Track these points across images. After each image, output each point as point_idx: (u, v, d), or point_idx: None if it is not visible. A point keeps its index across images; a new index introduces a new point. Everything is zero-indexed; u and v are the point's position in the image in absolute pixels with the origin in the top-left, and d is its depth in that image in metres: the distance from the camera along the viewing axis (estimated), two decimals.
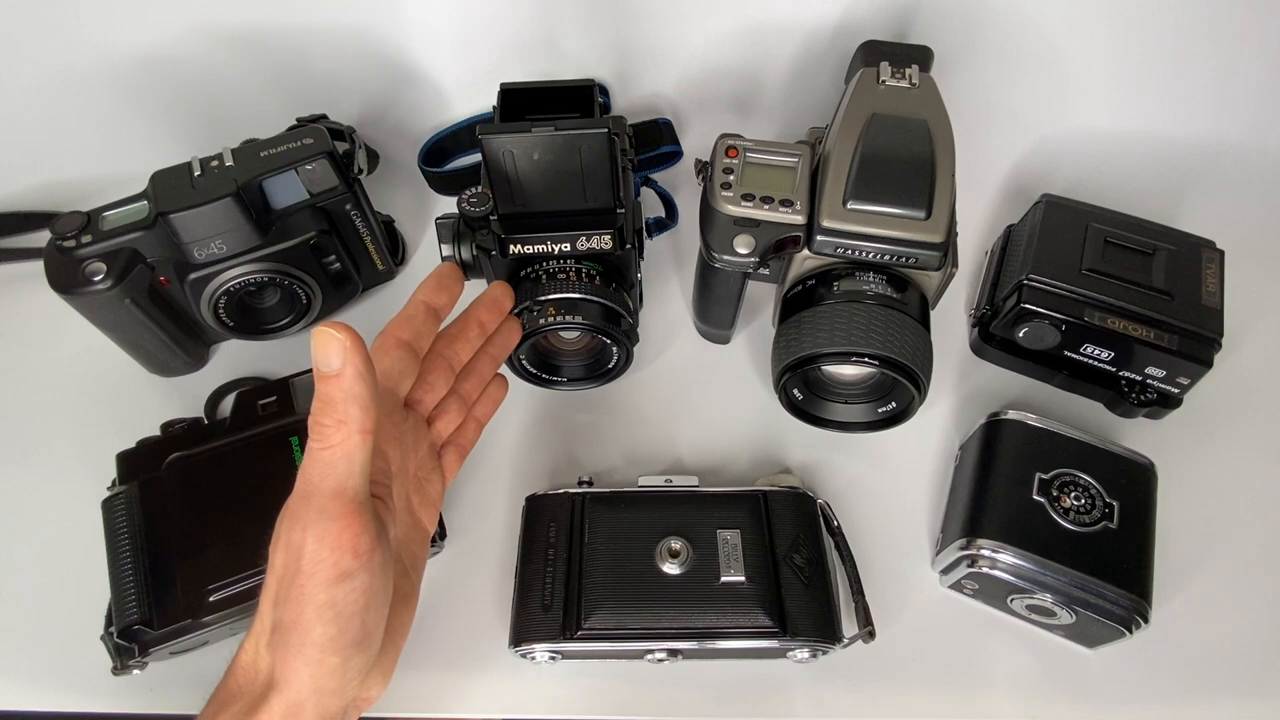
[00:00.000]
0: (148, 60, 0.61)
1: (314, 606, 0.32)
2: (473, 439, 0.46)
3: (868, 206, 0.46)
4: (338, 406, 0.31)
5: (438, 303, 0.42)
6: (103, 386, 0.57)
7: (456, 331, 0.45)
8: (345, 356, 0.31)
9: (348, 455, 0.32)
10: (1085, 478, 0.46)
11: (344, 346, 0.31)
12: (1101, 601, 0.43)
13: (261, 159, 0.51)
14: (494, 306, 0.46)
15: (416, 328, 0.41)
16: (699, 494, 0.48)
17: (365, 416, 0.32)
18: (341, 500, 0.32)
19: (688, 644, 0.44)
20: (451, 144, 0.67)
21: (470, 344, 0.45)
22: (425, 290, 0.42)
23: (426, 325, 0.41)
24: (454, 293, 0.43)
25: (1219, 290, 0.51)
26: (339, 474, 0.32)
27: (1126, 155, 0.65)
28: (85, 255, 0.49)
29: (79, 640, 0.47)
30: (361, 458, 0.32)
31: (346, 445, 0.32)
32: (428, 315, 0.41)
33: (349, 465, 0.32)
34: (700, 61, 0.65)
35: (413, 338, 0.40)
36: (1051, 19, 0.61)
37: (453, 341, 0.44)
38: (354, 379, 0.31)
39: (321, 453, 0.32)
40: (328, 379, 0.31)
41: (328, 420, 0.31)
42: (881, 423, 0.52)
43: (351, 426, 0.31)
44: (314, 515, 0.32)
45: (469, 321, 0.45)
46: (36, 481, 0.54)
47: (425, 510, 0.42)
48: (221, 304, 0.53)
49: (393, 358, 0.40)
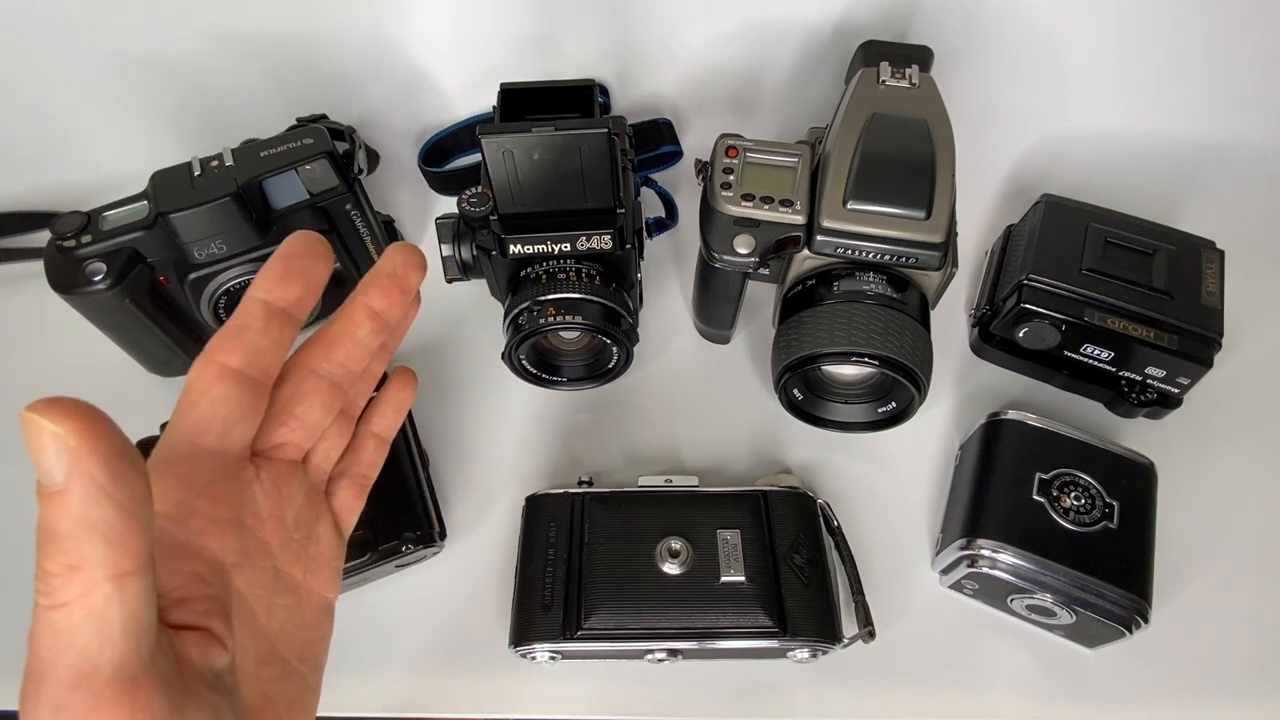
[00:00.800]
0: (149, 60, 0.61)
1: None
2: (374, 462, 0.33)
3: (868, 206, 0.46)
4: (64, 544, 0.19)
5: (284, 299, 0.27)
6: (103, 386, 0.57)
7: (338, 332, 0.30)
8: (70, 462, 0.19)
9: (92, 615, 0.20)
10: (1085, 478, 0.46)
11: (66, 446, 0.18)
12: (1101, 601, 0.43)
13: (261, 159, 0.51)
14: (393, 286, 0.30)
15: (251, 344, 0.26)
16: (699, 494, 0.48)
17: (119, 554, 0.19)
18: (89, 687, 0.20)
19: (688, 644, 0.44)
20: (451, 144, 0.67)
21: (361, 346, 0.30)
22: (263, 282, 0.27)
23: (269, 336, 0.26)
24: (313, 277, 0.28)
25: (1219, 290, 0.51)
26: (80, 647, 0.20)
27: (1126, 155, 0.65)
28: (85, 255, 0.49)
29: None
30: (120, 614, 0.20)
31: (89, 601, 0.19)
32: (270, 321, 0.26)
33: (97, 631, 0.20)
34: (700, 61, 0.65)
35: (246, 360, 0.26)
36: (1051, 19, 0.61)
37: (331, 349, 0.30)
38: (87, 498, 0.19)
39: (50, 613, 0.20)
40: (48, 498, 0.19)
41: (53, 566, 0.20)
42: (881, 423, 0.52)
43: (94, 573, 0.19)
44: (48, 713, 0.20)
45: (355, 315, 0.30)
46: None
47: (314, 576, 0.30)
48: (221, 304, 0.53)
49: (213, 397, 0.26)
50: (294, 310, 0.27)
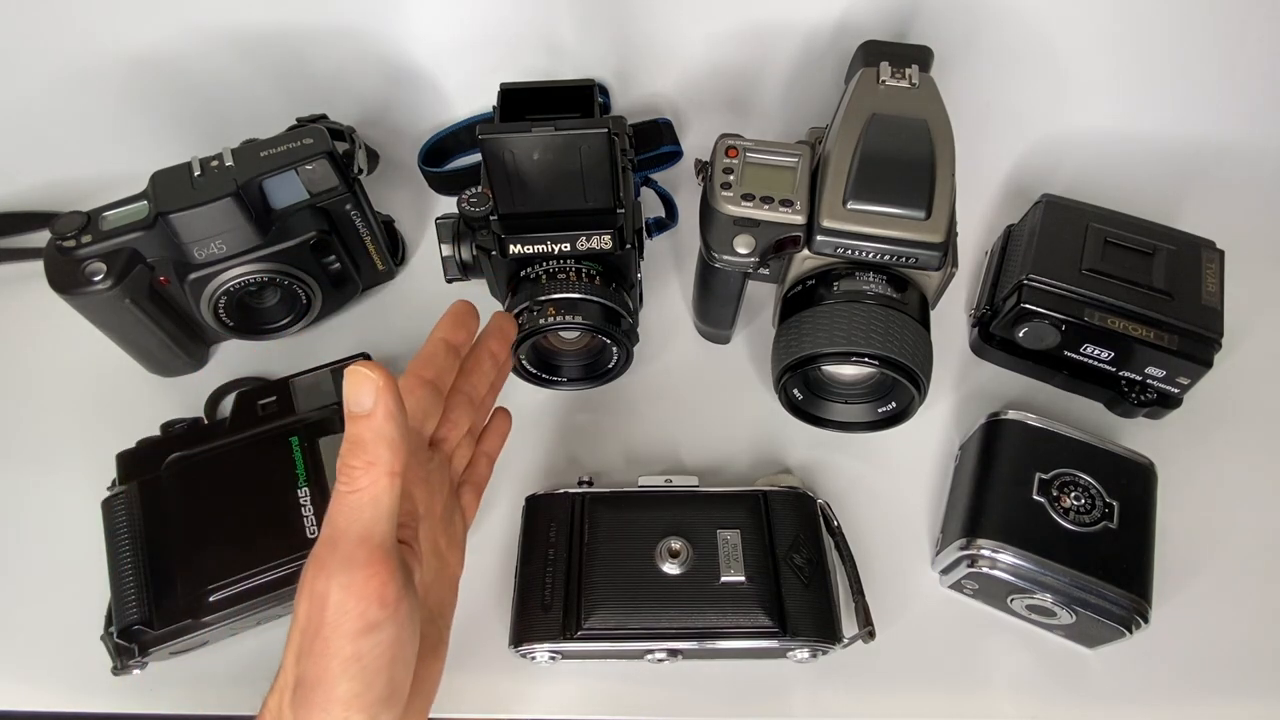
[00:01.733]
0: (148, 60, 0.61)
1: (339, 661, 0.30)
2: (485, 475, 0.45)
3: (868, 206, 0.46)
4: (368, 447, 0.30)
5: (456, 340, 0.41)
6: (103, 386, 0.57)
7: (471, 365, 0.43)
8: (377, 396, 0.30)
9: (375, 499, 0.30)
10: (1085, 478, 0.46)
11: (376, 386, 0.30)
12: (1101, 601, 0.43)
13: (261, 159, 0.51)
14: (501, 335, 0.46)
15: (439, 366, 0.40)
16: (699, 494, 0.48)
17: (395, 458, 0.30)
18: (367, 547, 0.30)
19: (688, 644, 0.44)
20: (451, 144, 0.67)
21: (485, 377, 0.44)
22: (443, 328, 0.41)
23: (447, 363, 0.40)
24: (471, 328, 0.42)
25: (1219, 290, 0.51)
26: (365, 519, 0.30)
27: (1126, 155, 0.65)
28: (85, 255, 0.49)
29: (79, 640, 0.47)
30: (389, 502, 0.31)
31: (374, 489, 0.30)
32: (448, 353, 0.40)
33: (376, 510, 0.30)
34: (700, 61, 0.65)
35: (435, 376, 0.39)
36: (1052, 19, 0.61)
37: (469, 375, 0.43)
38: (385, 419, 0.30)
39: (349, 496, 0.30)
40: (358, 419, 0.30)
41: (356, 462, 0.30)
42: (881, 423, 0.52)
43: (380, 469, 0.30)
44: (339, 563, 0.30)
45: (482, 354, 0.44)
46: (36, 481, 0.54)
47: (452, 552, 0.41)
48: (221, 304, 0.53)
49: (417, 396, 0.38)
50: (461, 348, 0.41)
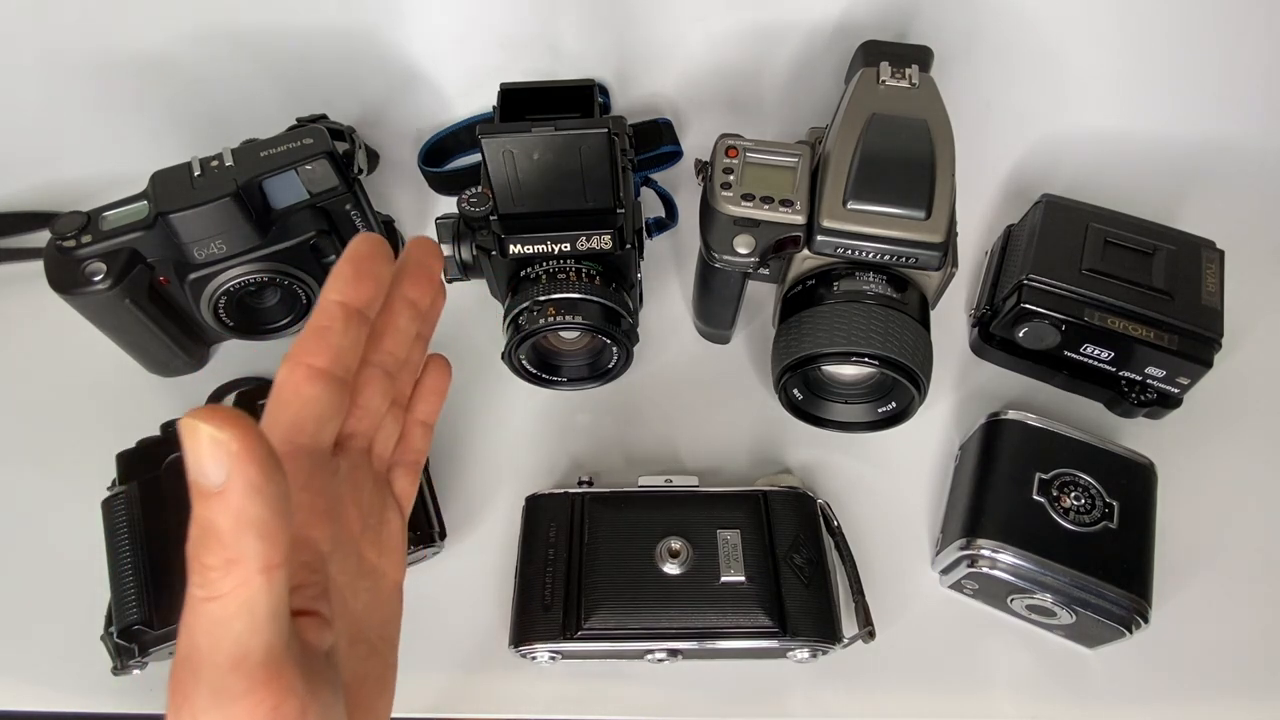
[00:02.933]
0: (148, 60, 0.61)
1: None
2: (423, 447, 0.36)
3: (868, 206, 0.46)
4: (225, 540, 0.21)
5: (359, 298, 0.28)
6: (103, 386, 0.57)
7: (383, 325, 0.32)
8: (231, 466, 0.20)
9: (246, 605, 0.22)
10: (1085, 478, 0.46)
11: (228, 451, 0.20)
12: (1101, 601, 0.43)
13: (261, 159, 0.51)
14: (421, 275, 0.33)
15: (335, 344, 0.27)
16: (699, 494, 0.48)
17: (270, 548, 0.21)
18: (244, 669, 0.22)
19: (688, 644, 0.44)
20: (451, 144, 0.67)
21: (403, 335, 0.33)
22: (337, 286, 0.28)
23: (350, 336, 0.28)
24: (378, 276, 0.29)
25: (1219, 290, 0.51)
26: (236, 633, 0.22)
27: (1126, 155, 0.65)
28: (85, 255, 0.49)
29: (79, 640, 0.47)
30: (268, 602, 0.22)
31: (244, 592, 0.21)
32: (349, 321, 0.28)
33: (250, 618, 0.22)
34: (700, 61, 0.65)
35: (333, 360, 0.27)
36: (1051, 19, 0.61)
37: (380, 341, 0.32)
38: (246, 498, 0.21)
39: (207, 605, 0.22)
40: (207, 498, 0.21)
41: (212, 561, 0.21)
42: (881, 423, 0.52)
43: (248, 566, 0.21)
44: (208, 698, 0.23)
45: (397, 306, 0.32)
46: (36, 481, 0.54)
47: (386, 559, 0.33)
48: (221, 304, 0.53)
49: (306, 397, 0.27)
50: (367, 309, 0.29)
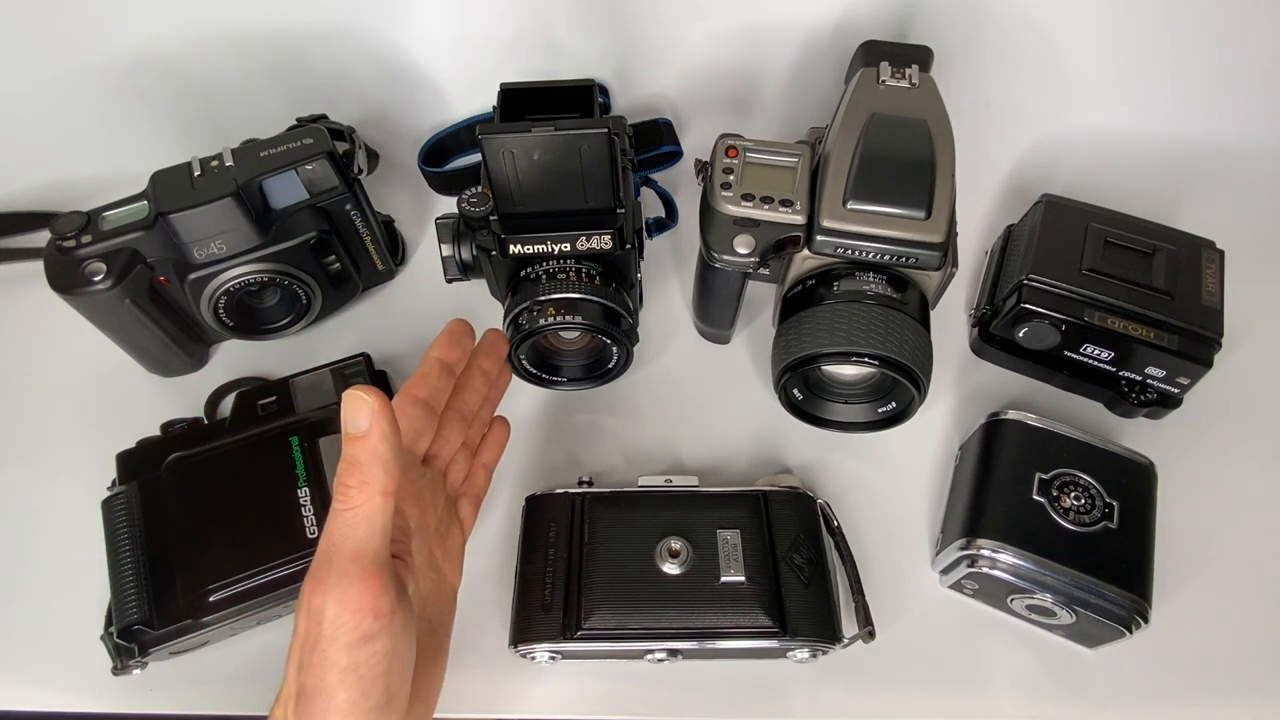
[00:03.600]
0: (148, 60, 0.61)
1: (336, 671, 0.32)
2: (484, 486, 0.48)
3: (868, 206, 0.46)
4: (363, 467, 0.32)
5: (451, 359, 0.43)
6: (103, 386, 0.57)
7: (464, 383, 0.46)
8: (373, 419, 0.32)
9: (369, 517, 0.32)
10: (1085, 478, 0.46)
11: (371, 409, 0.32)
12: (1101, 601, 0.43)
13: (261, 159, 0.51)
14: (493, 352, 0.48)
15: (432, 385, 0.42)
16: (699, 494, 0.48)
17: (388, 478, 0.32)
18: (361, 562, 0.32)
19: (688, 644, 0.44)
20: (451, 144, 0.67)
21: (477, 394, 0.47)
22: (439, 348, 0.43)
23: (442, 382, 0.42)
24: (466, 347, 0.45)
25: (1219, 290, 0.51)
26: (359, 536, 0.32)
27: (1126, 155, 0.65)
28: (85, 255, 0.49)
29: (79, 640, 0.47)
30: (382, 519, 0.33)
31: (368, 507, 0.32)
32: (442, 372, 0.43)
33: (370, 527, 0.32)
34: (700, 61, 0.65)
35: (429, 395, 0.41)
36: (1051, 19, 0.61)
37: (461, 393, 0.45)
38: (380, 440, 0.32)
39: (344, 514, 0.32)
40: (354, 440, 0.32)
41: (351, 481, 0.32)
42: (881, 423, 0.52)
43: (374, 488, 0.32)
44: (334, 578, 0.32)
45: (474, 371, 0.47)
46: (36, 481, 0.54)
47: (449, 564, 0.43)
48: (221, 304, 0.53)
49: (410, 416, 0.41)
50: (455, 366, 0.44)
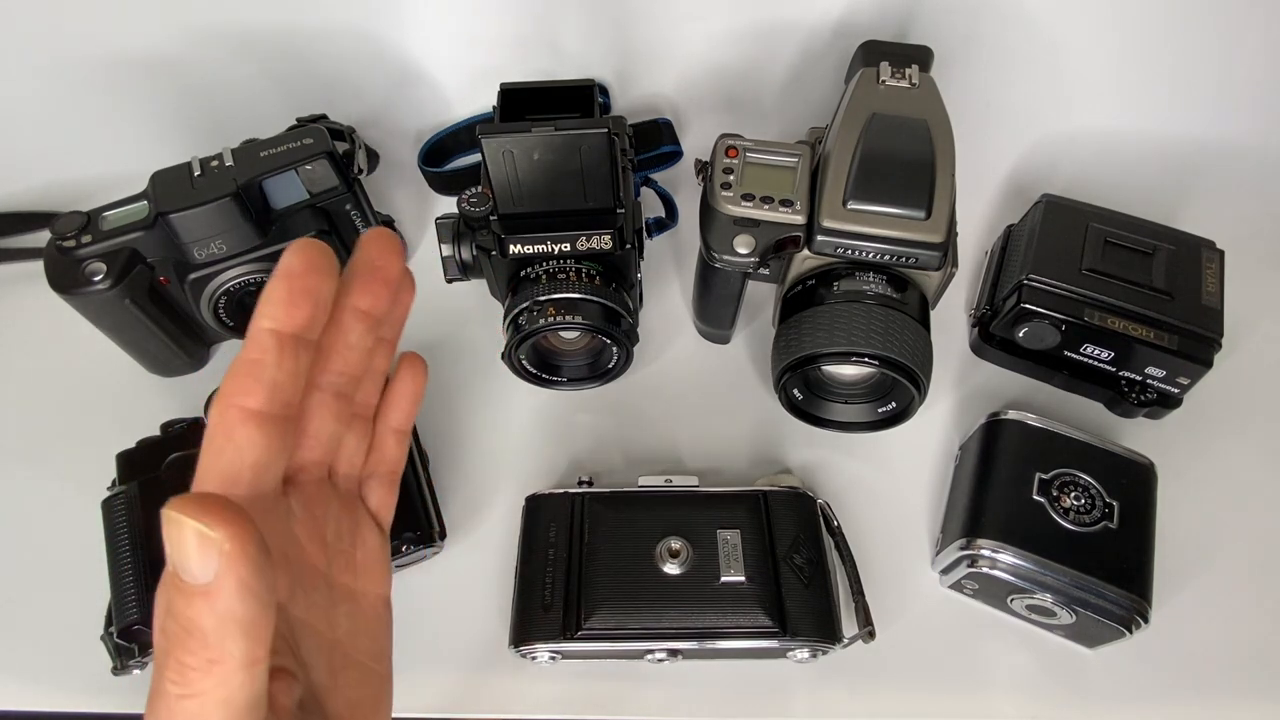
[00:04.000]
0: (148, 60, 0.61)
1: None
2: (397, 456, 0.33)
3: (868, 206, 0.46)
4: (209, 640, 0.20)
5: (295, 323, 0.24)
6: (103, 386, 0.57)
7: (329, 342, 0.28)
8: (224, 565, 0.19)
9: (225, 703, 0.21)
10: (1085, 478, 0.46)
11: (220, 551, 0.19)
12: (1101, 601, 0.43)
13: (261, 159, 0.51)
14: (374, 280, 0.28)
15: (269, 379, 0.23)
16: (699, 494, 0.48)
17: (255, 645, 0.21)
18: None
19: (688, 644, 0.44)
20: (451, 144, 0.67)
21: (355, 351, 0.28)
22: (269, 309, 0.24)
23: (286, 366, 0.24)
24: (319, 292, 0.24)
25: (1219, 290, 0.51)
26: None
27: (1126, 155, 0.65)
28: (85, 255, 0.49)
29: (79, 640, 0.47)
30: (248, 696, 0.21)
31: (223, 690, 0.21)
32: (284, 351, 0.24)
33: (228, 714, 0.21)
34: (700, 61, 0.65)
35: (268, 399, 0.23)
36: (1052, 18, 0.61)
37: (328, 361, 0.28)
38: (236, 597, 0.20)
39: (182, 702, 0.21)
40: (190, 596, 0.20)
41: (192, 661, 0.20)
42: (881, 423, 0.52)
43: (231, 664, 0.20)
44: None
45: (343, 320, 0.28)
46: (36, 481, 0.54)
47: (365, 577, 0.31)
48: (221, 304, 0.53)
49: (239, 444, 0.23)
50: (307, 333, 0.24)
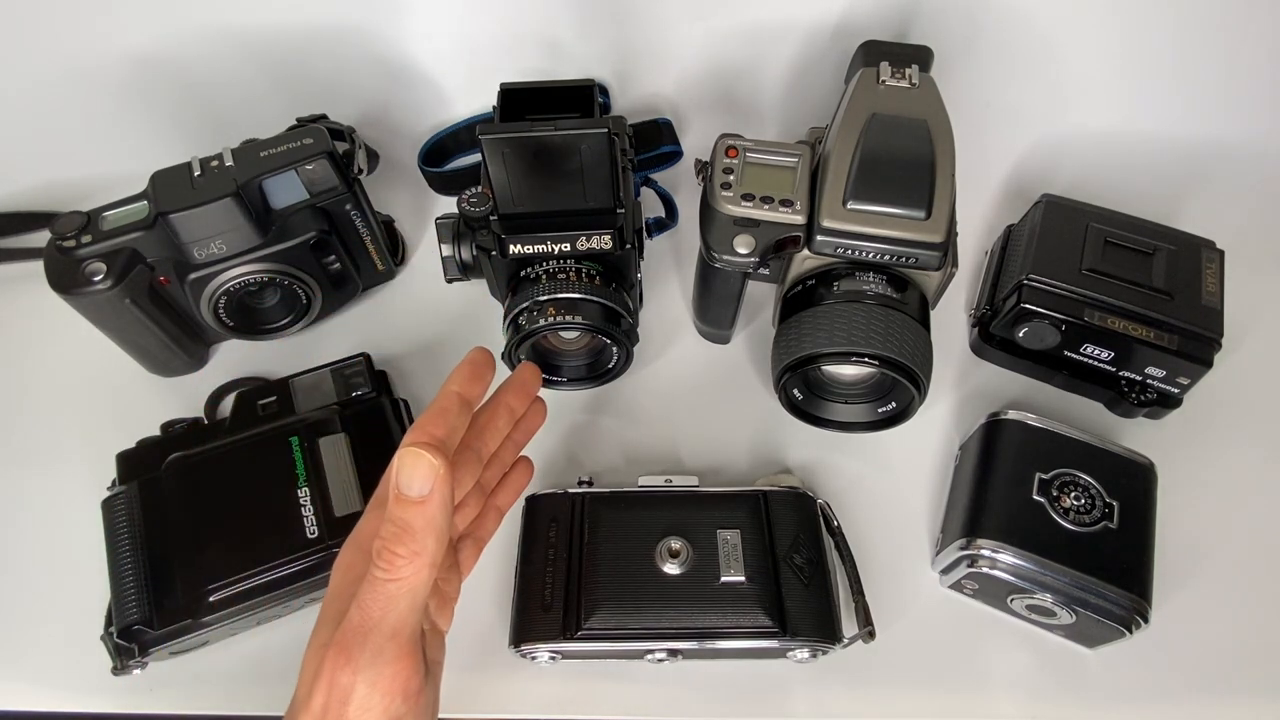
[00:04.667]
0: (148, 60, 0.61)
1: None
2: (492, 530, 0.43)
3: (868, 206, 0.46)
4: (416, 536, 0.29)
5: (472, 394, 0.37)
6: (103, 386, 0.57)
7: (485, 421, 0.41)
8: (435, 484, 0.29)
9: (413, 590, 0.29)
10: (1085, 478, 0.46)
11: (435, 473, 0.29)
12: (1101, 601, 0.43)
13: (261, 159, 0.51)
14: (523, 390, 0.43)
15: (450, 423, 0.35)
16: (699, 494, 0.48)
17: (440, 549, 0.30)
18: (398, 640, 0.30)
19: (688, 644, 0.44)
20: (451, 144, 0.67)
21: (499, 433, 0.41)
22: (458, 380, 0.37)
23: (459, 419, 0.36)
24: (487, 380, 0.38)
25: (1219, 290, 0.51)
26: (400, 611, 0.30)
27: (1126, 155, 0.65)
28: (85, 255, 0.49)
29: (79, 640, 0.47)
30: (425, 593, 0.30)
31: (415, 579, 0.29)
32: (461, 408, 0.36)
33: (412, 601, 0.30)
34: (700, 61, 0.65)
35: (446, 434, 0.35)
36: (1052, 19, 0.61)
37: (481, 432, 0.40)
38: (439, 508, 0.29)
39: (387, 584, 0.29)
40: (408, 504, 0.29)
41: (402, 550, 0.29)
42: (881, 423, 0.52)
43: (424, 559, 0.29)
44: (368, 657, 0.29)
45: (499, 409, 0.41)
46: (36, 481, 0.54)
47: (442, 613, 0.39)
48: (221, 304, 0.53)
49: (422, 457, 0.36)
50: (474, 402, 0.37)
